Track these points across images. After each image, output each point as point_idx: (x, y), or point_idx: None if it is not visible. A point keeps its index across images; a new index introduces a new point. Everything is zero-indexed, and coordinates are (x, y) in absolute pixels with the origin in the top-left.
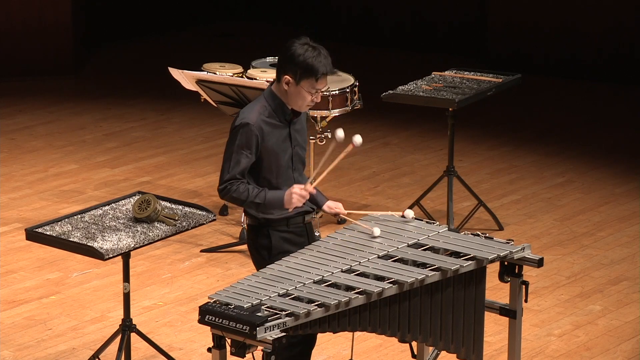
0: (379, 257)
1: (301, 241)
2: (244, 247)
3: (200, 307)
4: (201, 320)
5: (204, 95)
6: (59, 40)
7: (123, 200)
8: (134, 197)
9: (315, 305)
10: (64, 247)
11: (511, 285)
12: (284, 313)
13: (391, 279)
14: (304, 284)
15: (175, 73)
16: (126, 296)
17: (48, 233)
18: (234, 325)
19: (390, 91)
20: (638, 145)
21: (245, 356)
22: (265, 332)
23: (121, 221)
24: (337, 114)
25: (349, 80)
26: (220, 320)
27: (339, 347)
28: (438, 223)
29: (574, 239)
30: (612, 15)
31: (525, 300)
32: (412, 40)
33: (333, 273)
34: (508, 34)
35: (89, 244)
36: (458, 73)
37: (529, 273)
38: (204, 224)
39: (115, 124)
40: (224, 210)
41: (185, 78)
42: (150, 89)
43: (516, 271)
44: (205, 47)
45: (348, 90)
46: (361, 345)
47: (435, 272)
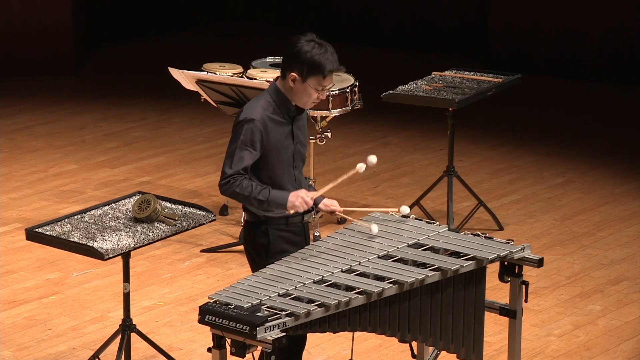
0: (379, 257)
1: (298, 240)
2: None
3: (200, 307)
4: (201, 320)
5: (204, 95)
6: (59, 40)
7: (123, 200)
8: (134, 197)
9: (315, 305)
10: (64, 247)
11: (511, 285)
12: (284, 313)
13: (391, 279)
14: (304, 284)
15: (175, 73)
16: (126, 296)
17: (48, 233)
18: (234, 325)
19: (390, 91)
20: (638, 145)
21: (245, 356)
22: (265, 332)
23: (121, 221)
24: (337, 114)
25: (349, 80)
26: (220, 320)
27: (339, 347)
28: (438, 223)
29: (574, 239)
30: (612, 15)
31: (525, 300)
32: (412, 40)
33: (333, 273)
34: (508, 34)
35: (89, 244)
36: (458, 73)
37: (529, 273)
38: (204, 224)
39: (115, 124)
40: (224, 210)
41: (185, 78)
42: (150, 89)
43: (516, 271)
44: (205, 47)
45: (348, 90)
46: (361, 345)
47: (435, 272)
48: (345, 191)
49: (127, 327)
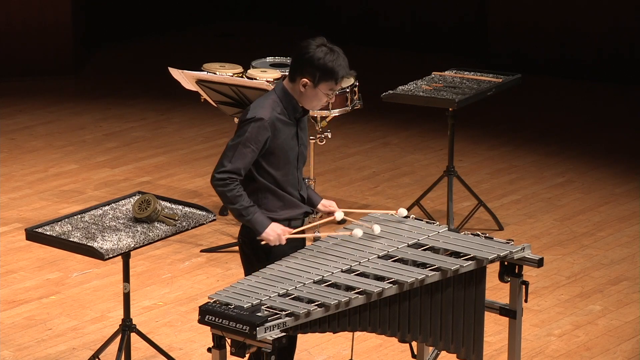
0: (379, 257)
1: (296, 244)
2: None
3: (200, 307)
4: (201, 320)
5: (204, 95)
6: (59, 40)
7: (123, 200)
8: (134, 197)
9: (315, 305)
10: (64, 247)
11: (511, 285)
12: (284, 313)
13: (391, 279)
14: (304, 284)
15: (175, 73)
16: (126, 296)
17: (48, 233)
18: (234, 325)
19: (390, 91)
20: (638, 145)
21: (245, 356)
22: (265, 332)
23: (121, 221)
24: (337, 114)
25: (349, 80)
26: (220, 320)
27: (339, 347)
28: (438, 223)
29: (574, 239)
30: (612, 15)
31: (525, 300)
32: (412, 40)
33: (333, 273)
34: (508, 34)
35: (89, 244)
36: (458, 73)
37: (529, 273)
38: (204, 224)
39: (115, 124)
40: (223, 210)
41: (185, 78)
42: (150, 89)
43: (516, 271)
44: (205, 47)
45: (348, 90)
46: (361, 345)
47: (435, 272)
48: (345, 191)
49: (127, 327)
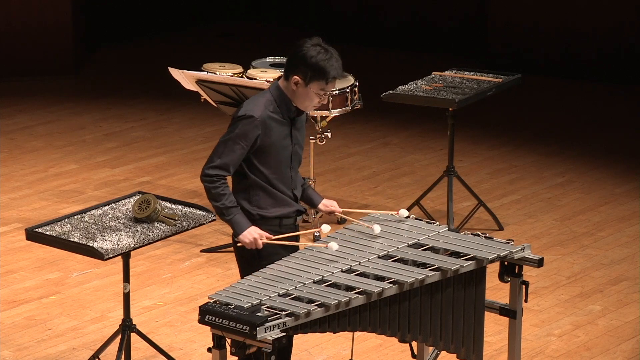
0: (379, 257)
1: (293, 237)
2: None
3: (200, 307)
4: (201, 320)
5: (204, 95)
6: (59, 40)
7: (123, 200)
8: (134, 197)
9: (315, 305)
10: (64, 247)
11: (511, 285)
12: (284, 313)
13: (391, 279)
14: (304, 284)
15: (175, 73)
16: (126, 296)
17: (48, 233)
18: (234, 325)
19: (390, 91)
20: (638, 145)
21: (245, 356)
22: (265, 332)
23: (121, 221)
24: (337, 114)
25: (349, 80)
26: (220, 320)
27: (339, 347)
28: (438, 223)
29: (574, 239)
30: (612, 15)
31: (525, 300)
32: (412, 40)
33: (333, 273)
34: (508, 34)
35: (89, 244)
36: (458, 73)
37: (529, 273)
38: (204, 224)
39: (115, 124)
40: None
41: (185, 78)
42: (150, 89)
43: (516, 271)
44: (205, 47)
45: (348, 90)
46: (361, 345)
47: (435, 272)
48: (345, 191)
49: (127, 327)
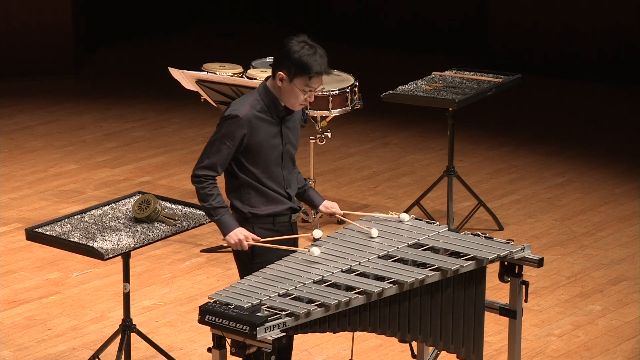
0: (379, 257)
1: (285, 241)
2: None
3: (200, 307)
4: (201, 320)
5: (204, 95)
6: (59, 40)
7: (123, 200)
8: (134, 197)
9: (315, 305)
10: (64, 247)
11: (511, 285)
12: (284, 313)
13: (391, 279)
14: (304, 284)
15: (175, 73)
16: (126, 296)
17: (48, 233)
18: (234, 325)
19: (390, 91)
20: (638, 145)
21: (245, 356)
22: (265, 332)
23: (121, 221)
24: (337, 114)
25: (349, 80)
26: (220, 320)
27: (339, 347)
28: (438, 223)
29: (574, 239)
30: (612, 15)
31: (525, 300)
32: (412, 40)
33: (333, 273)
34: (508, 34)
35: (89, 244)
36: (458, 73)
37: (529, 273)
38: (204, 224)
39: (115, 124)
40: None
41: (185, 78)
42: (150, 89)
43: (516, 271)
44: (205, 47)
45: (348, 90)
46: (361, 345)
47: (435, 272)
48: (346, 191)
49: (127, 327)
